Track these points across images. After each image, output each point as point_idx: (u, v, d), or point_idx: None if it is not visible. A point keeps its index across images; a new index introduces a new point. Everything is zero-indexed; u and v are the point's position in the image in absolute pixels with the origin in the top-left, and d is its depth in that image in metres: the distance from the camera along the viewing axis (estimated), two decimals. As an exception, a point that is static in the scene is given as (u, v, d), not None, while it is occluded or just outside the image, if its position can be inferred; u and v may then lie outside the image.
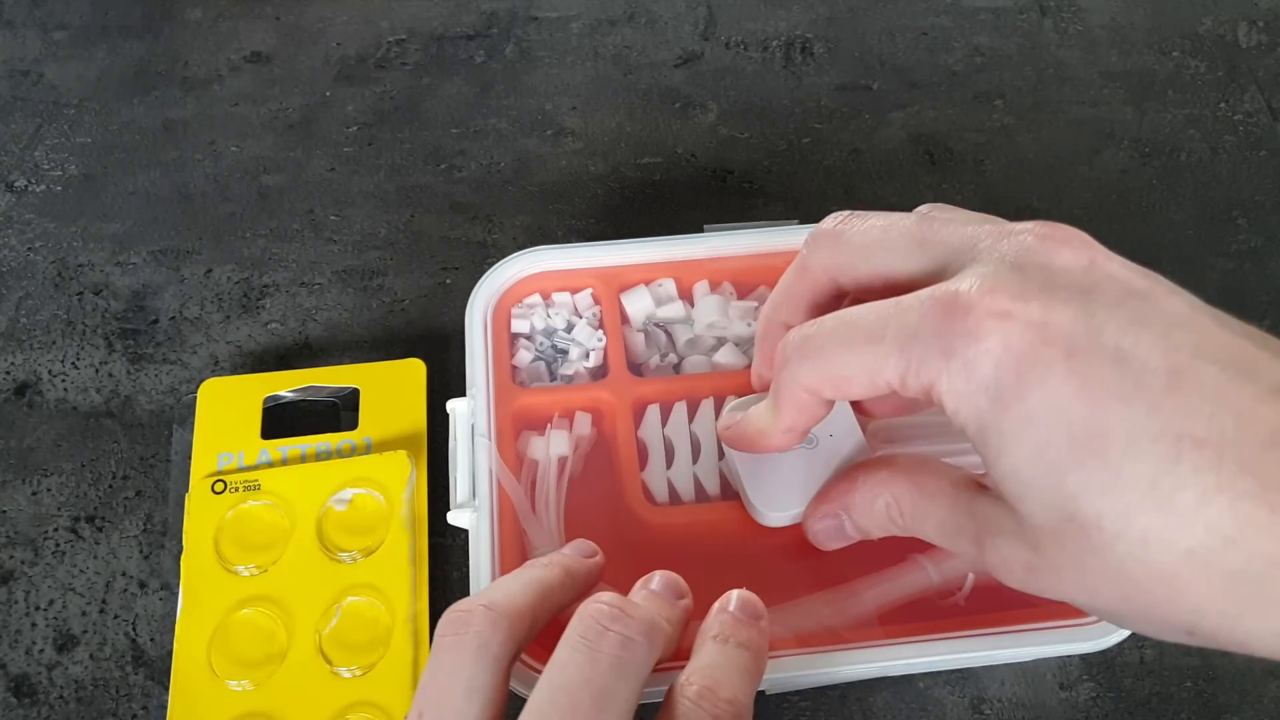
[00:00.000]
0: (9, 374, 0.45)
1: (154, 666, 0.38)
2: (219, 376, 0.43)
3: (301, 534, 0.38)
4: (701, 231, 0.43)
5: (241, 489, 0.39)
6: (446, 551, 0.40)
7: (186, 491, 0.40)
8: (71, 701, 0.37)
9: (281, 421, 0.43)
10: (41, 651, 0.38)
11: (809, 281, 0.31)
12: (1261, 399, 0.22)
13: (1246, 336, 0.23)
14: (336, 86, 0.55)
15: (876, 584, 0.34)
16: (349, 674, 0.36)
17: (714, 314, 0.40)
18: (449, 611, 0.27)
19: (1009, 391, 0.23)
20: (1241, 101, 0.53)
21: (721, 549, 0.34)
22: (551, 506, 0.35)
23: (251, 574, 0.38)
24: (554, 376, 0.39)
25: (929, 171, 0.51)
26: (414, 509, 0.40)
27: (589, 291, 0.41)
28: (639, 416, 0.37)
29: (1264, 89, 0.54)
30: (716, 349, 0.39)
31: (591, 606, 0.26)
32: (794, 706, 0.37)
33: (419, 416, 0.42)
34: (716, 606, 0.29)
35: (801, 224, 0.42)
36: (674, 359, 0.39)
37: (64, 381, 0.45)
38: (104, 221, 0.50)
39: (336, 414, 0.43)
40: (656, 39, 0.56)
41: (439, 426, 0.42)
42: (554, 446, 0.37)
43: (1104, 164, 0.51)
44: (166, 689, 0.36)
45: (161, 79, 0.55)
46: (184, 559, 0.38)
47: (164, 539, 0.41)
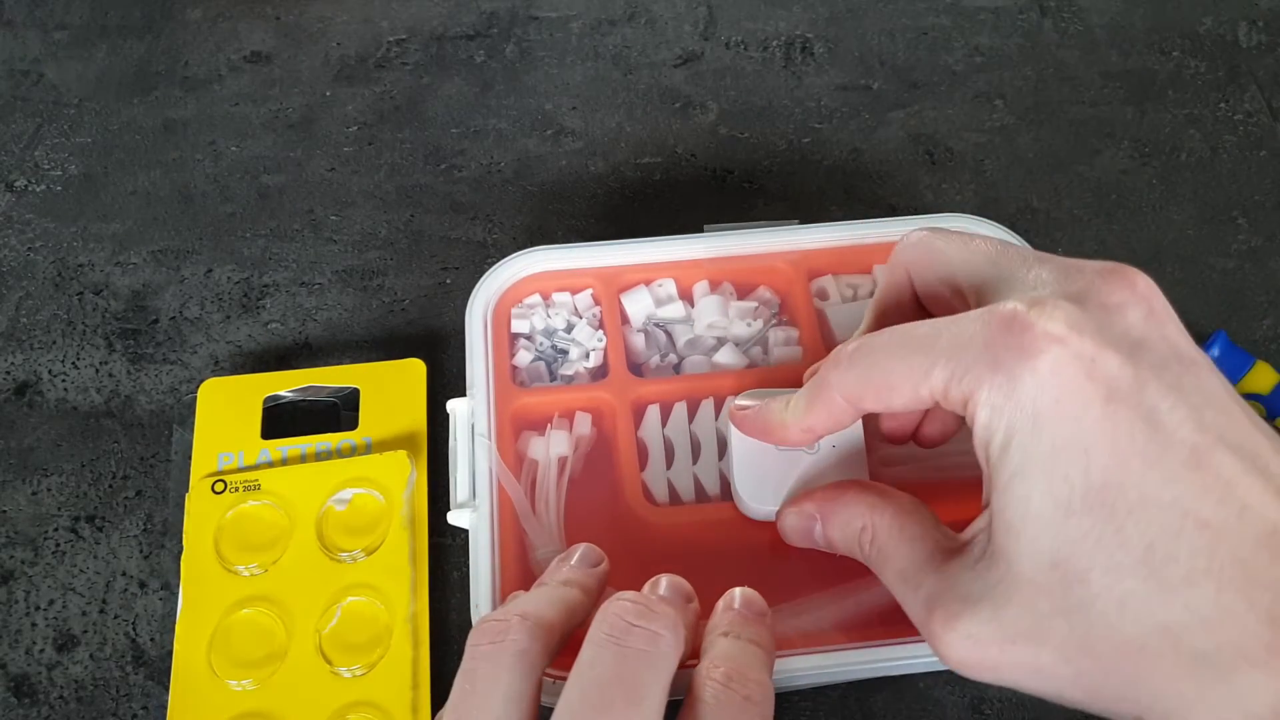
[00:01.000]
0: (9, 374, 0.45)
1: (154, 666, 0.38)
2: (219, 376, 0.43)
3: (301, 534, 0.38)
4: (702, 231, 0.43)
5: (241, 489, 0.39)
6: (446, 551, 0.40)
7: (186, 491, 0.40)
8: (71, 701, 0.37)
9: (281, 421, 0.43)
10: (41, 651, 0.38)
11: (888, 281, 0.31)
12: (1269, 495, 0.22)
13: (1265, 433, 0.24)
14: (336, 86, 0.55)
15: (877, 584, 0.33)
16: (349, 674, 0.36)
17: (714, 314, 0.40)
18: (481, 621, 0.27)
19: (1045, 414, 0.23)
20: (1241, 101, 0.53)
21: (722, 549, 0.34)
22: (551, 506, 0.35)
23: (251, 574, 0.38)
24: (554, 377, 0.39)
25: (929, 171, 0.51)
26: (414, 509, 0.40)
27: (589, 292, 0.41)
28: (639, 417, 0.37)
29: (1264, 89, 0.54)
30: (716, 349, 0.39)
31: (615, 605, 0.27)
32: (794, 706, 0.37)
33: (419, 416, 0.42)
34: (721, 605, 0.29)
35: (802, 224, 0.42)
36: (674, 359, 0.39)
37: (64, 381, 0.45)
38: (104, 221, 0.50)
39: (336, 414, 0.43)
40: (656, 39, 0.56)
41: (439, 426, 0.42)
42: (554, 446, 0.37)
43: (1104, 164, 0.51)
44: (166, 689, 0.36)
45: (161, 79, 0.55)
46: (184, 559, 0.38)
47: (164, 539, 0.41)
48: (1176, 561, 0.22)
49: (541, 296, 0.41)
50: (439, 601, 0.39)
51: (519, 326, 0.40)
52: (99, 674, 0.38)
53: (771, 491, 0.33)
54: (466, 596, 0.34)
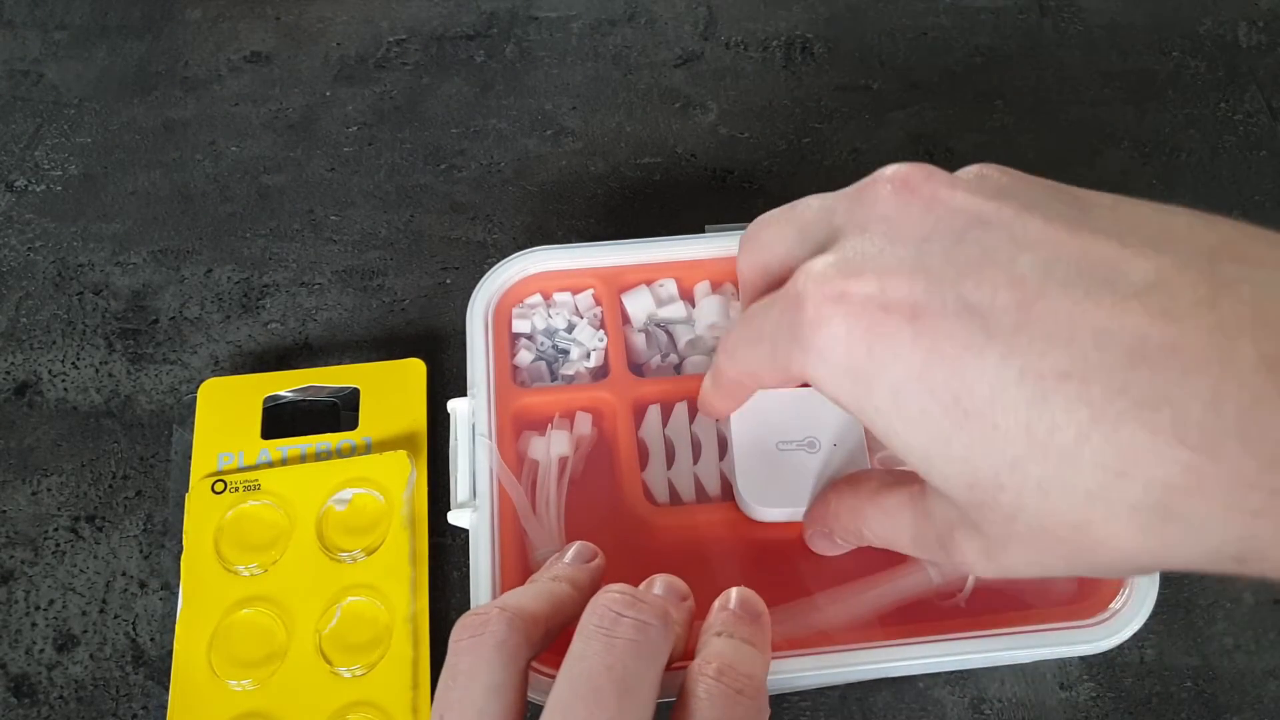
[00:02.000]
0: (9, 374, 0.45)
1: (154, 666, 0.38)
2: (219, 376, 0.43)
3: (301, 534, 0.38)
4: (703, 232, 0.43)
5: (241, 489, 0.39)
6: (446, 551, 0.40)
7: (186, 491, 0.40)
8: (71, 701, 0.37)
9: (281, 421, 0.42)
10: (41, 651, 0.38)
11: (743, 284, 0.31)
12: (1121, 308, 0.20)
13: (1112, 232, 0.21)
14: (336, 86, 0.55)
15: (876, 585, 0.34)
16: (349, 674, 0.36)
17: (715, 314, 0.40)
18: (464, 617, 0.27)
19: (865, 370, 0.23)
20: (1241, 101, 0.53)
21: (722, 549, 0.34)
22: (552, 506, 0.35)
23: (251, 574, 0.38)
24: (555, 376, 0.39)
25: (929, 171, 0.51)
26: (414, 509, 0.40)
27: (590, 292, 0.41)
28: (640, 417, 0.37)
29: (1264, 89, 0.54)
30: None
31: (604, 597, 0.27)
32: (794, 706, 0.37)
33: (419, 416, 0.42)
34: (717, 605, 0.29)
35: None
36: (675, 359, 0.39)
37: (64, 381, 0.45)
38: (104, 221, 0.50)
39: (336, 414, 0.43)
40: (656, 39, 0.56)
41: (439, 426, 0.42)
42: (555, 446, 0.37)
43: (1104, 164, 0.51)
44: (166, 689, 0.36)
45: (161, 79, 0.55)
46: (184, 559, 0.38)
47: (164, 539, 0.41)
48: (1060, 428, 0.20)
49: (542, 296, 0.40)
50: (439, 601, 0.39)
51: (520, 326, 0.40)
52: (99, 674, 0.38)
53: (775, 493, 0.33)
54: (466, 596, 0.34)
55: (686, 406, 0.38)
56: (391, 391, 0.42)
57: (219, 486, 0.39)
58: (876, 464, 0.36)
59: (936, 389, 0.22)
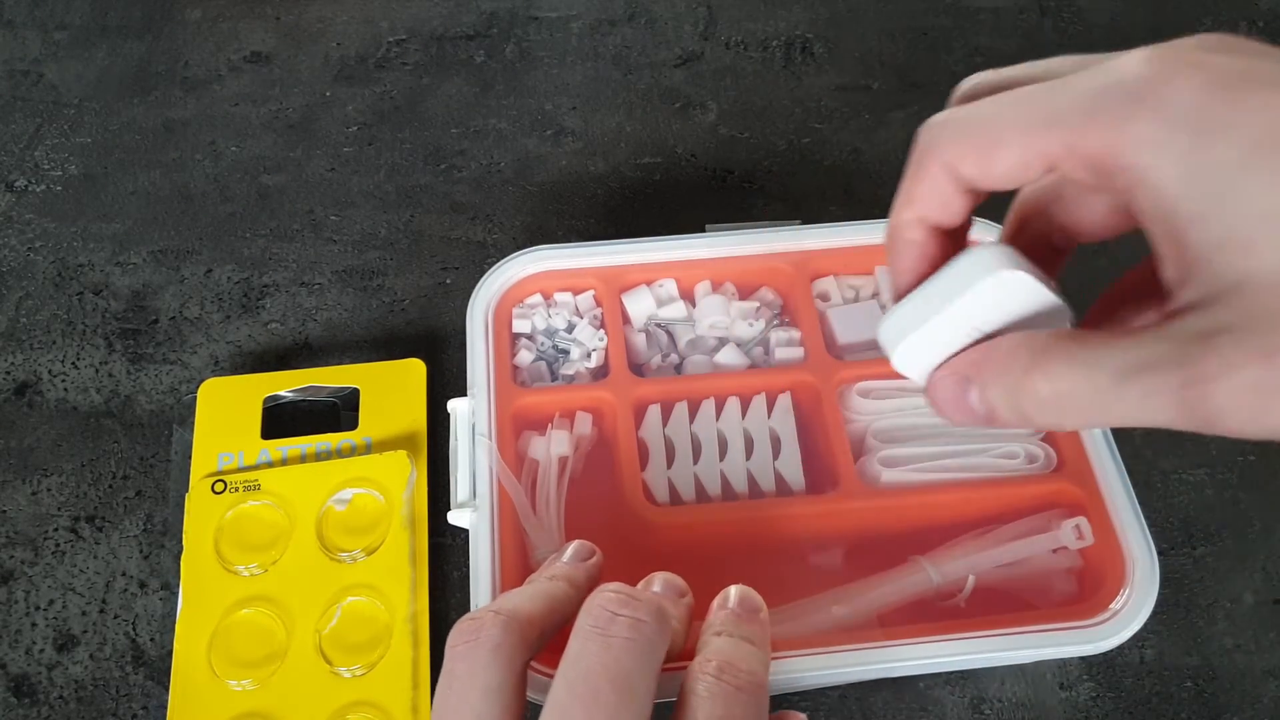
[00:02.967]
0: (9, 374, 0.45)
1: (154, 666, 0.38)
2: (219, 376, 0.43)
3: (301, 534, 0.38)
4: (703, 231, 0.43)
5: (241, 489, 0.39)
6: (446, 551, 0.40)
7: (186, 491, 0.40)
8: (71, 701, 0.37)
9: (281, 421, 0.42)
10: (41, 651, 0.38)
11: (927, 179, 0.25)
12: None
13: None
14: (336, 86, 0.55)
15: (877, 585, 0.34)
16: (349, 674, 0.36)
17: (716, 314, 0.40)
18: (460, 622, 0.27)
19: (1219, 113, 0.19)
20: (1241, 102, 0.53)
21: (722, 549, 0.34)
22: (552, 506, 0.35)
23: (251, 574, 0.38)
24: (555, 376, 0.39)
25: (929, 172, 0.51)
26: (414, 509, 0.40)
27: (590, 292, 0.41)
28: (640, 417, 0.37)
29: (1264, 89, 0.54)
30: (718, 349, 0.39)
31: (599, 597, 0.27)
32: (794, 707, 0.37)
33: (419, 416, 0.42)
34: (716, 604, 0.29)
35: (803, 224, 0.42)
36: (675, 359, 0.39)
37: (64, 381, 0.45)
38: (104, 221, 0.50)
39: (336, 414, 0.43)
40: (656, 39, 0.56)
41: (439, 426, 0.42)
42: (555, 446, 0.37)
43: (1104, 164, 0.51)
44: (166, 689, 0.36)
45: (161, 79, 0.55)
46: (184, 559, 0.38)
47: (164, 539, 0.41)
48: None
49: (543, 296, 0.40)
50: (439, 601, 0.39)
51: (520, 326, 0.40)
52: (99, 674, 0.38)
53: (923, 353, 0.25)
54: (466, 596, 0.34)
55: (687, 406, 0.38)
56: (391, 391, 0.42)
57: (219, 486, 0.39)
58: (878, 463, 0.36)
59: None
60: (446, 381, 0.44)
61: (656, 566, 0.31)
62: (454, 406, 0.37)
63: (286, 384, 0.42)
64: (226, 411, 0.42)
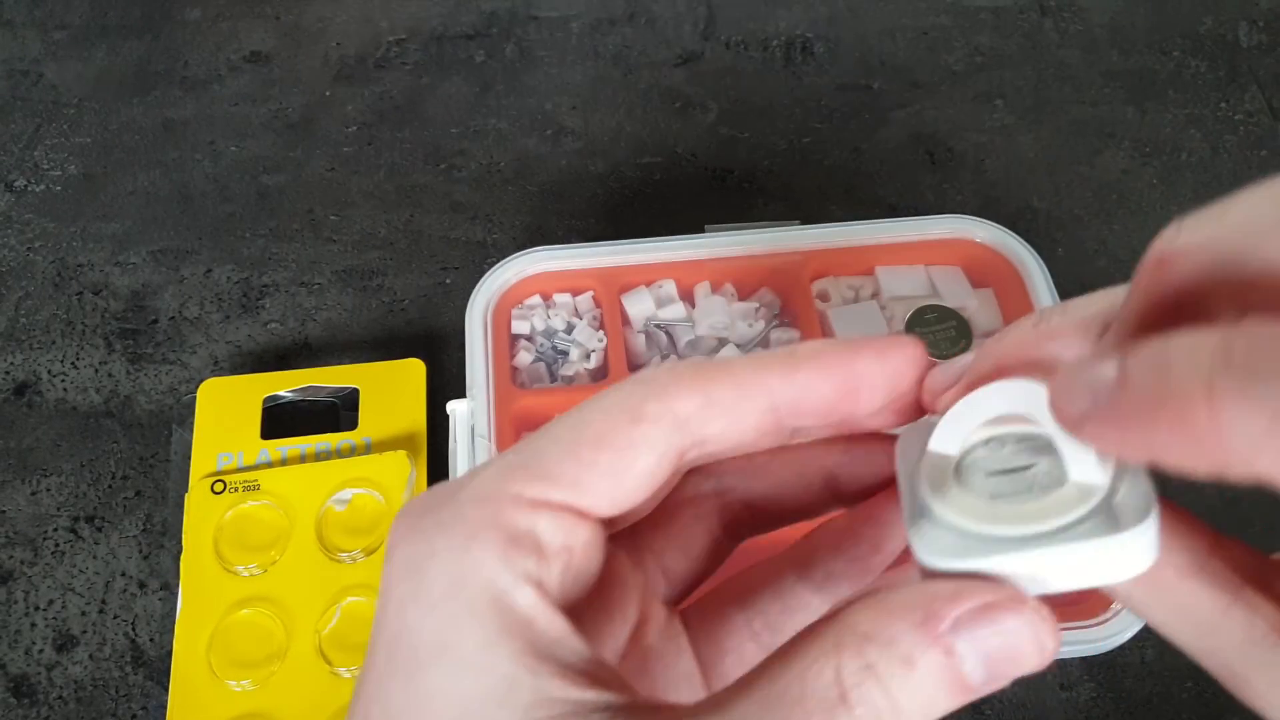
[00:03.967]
0: (9, 374, 0.45)
1: (154, 666, 0.38)
2: (219, 376, 0.43)
3: (301, 534, 0.38)
4: (703, 232, 0.43)
5: (241, 489, 0.39)
6: (446, 552, 0.40)
7: (186, 491, 0.40)
8: (71, 701, 0.37)
9: (281, 421, 0.42)
10: (41, 651, 0.38)
11: (1166, 274, 0.16)
12: None
13: None
14: (336, 86, 0.55)
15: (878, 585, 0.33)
16: (349, 674, 0.36)
17: (716, 315, 0.40)
18: None
19: None
20: (1242, 101, 0.53)
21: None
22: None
23: (251, 574, 0.38)
24: (554, 378, 0.39)
25: (929, 171, 0.51)
26: (414, 509, 0.40)
27: (590, 293, 0.41)
28: (639, 417, 0.37)
29: (1264, 89, 0.54)
30: (718, 350, 0.39)
31: None
32: (794, 707, 0.37)
33: (419, 417, 0.42)
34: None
35: (803, 224, 0.42)
36: (675, 360, 0.39)
37: (64, 381, 0.45)
38: (104, 221, 0.50)
39: (336, 414, 0.43)
40: (656, 39, 0.56)
41: (438, 427, 0.42)
42: (554, 447, 0.36)
43: (1104, 164, 0.51)
44: (166, 689, 0.36)
45: (161, 79, 0.55)
46: (184, 559, 0.38)
47: (164, 539, 0.41)
48: None
49: (542, 297, 0.40)
50: (439, 602, 0.39)
51: (519, 327, 0.40)
52: (99, 674, 0.38)
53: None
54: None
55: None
56: (391, 392, 0.42)
57: (219, 486, 0.39)
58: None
59: None
60: (446, 381, 0.44)
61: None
62: (453, 408, 0.37)
63: (286, 384, 0.42)
64: (226, 411, 0.42)
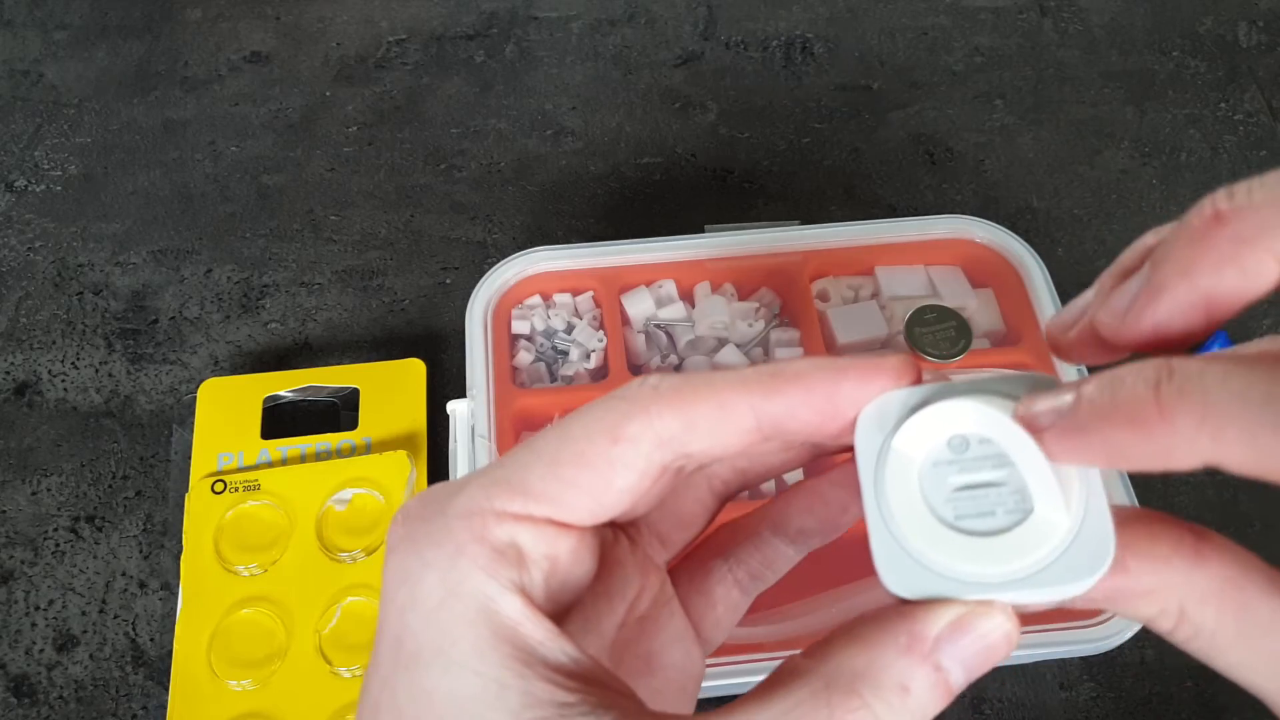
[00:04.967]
0: (9, 374, 0.45)
1: (154, 666, 0.38)
2: (219, 376, 0.43)
3: (301, 534, 0.38)
4: (703, 232, 0.43)
5: (241, 489, 0.39)
6: (446, 552, 0.40)
7: (186, 491, 0.40)
8: (71, 701, 0.37)
9: (281, 421, 0.42)
10: (41, 651, 0.38)
11: (1223, 228, 0.16)
12: None
13: None
14: (336, 86, 0.55)
15: (878, 585, 0.33)
16: (349, 674, 0.36)
17: (716, 315, 0.40)
18: None
19: None
20: (1242, 101, 0.53)
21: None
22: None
23: (251, 574, 0.38)
24: (554, 378, 0.39)
25: (929, 171, 0.51)
26: (414, 509, 0.40)
27: (590, 293, 0.41)
28: (639, 417, 0.37)
29: (1264, 89, 0.54)
30: (718, 350, 0.39)
31: None
32: (794, 707, 0.37)
33: (419, 417, 0.42)
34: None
35: (803, 224, 0.42)
36: (674, 360, 0.39)
37: (64, 381, 0.45)
38: (104, 221, 0.50)
39: (336, 414, 0.43)
40: (656, 39, 0.56)
41: (439, 426, 0.42)
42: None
43: (1104, 164, 0.51)
44: (166, 689, 0.36)
45: (161, 79, 0.55)
46: (184, 559, 0.38)
47: (164, 539, 0.41)
48: None
49: (542, 297, 0.40)
50: (439, 602, 0.39)
51: (519, 327, 0.40)
52: (99, 674, 0.38)
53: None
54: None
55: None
56: (391, 392, 0.42)
57: (219, 486, 0.39)
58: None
59: None
60: (446, 381, 0.44)
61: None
62: (453, 408, 0.37)
63: (286, 384, 0.42)
64: (226, 411, 0.42)
